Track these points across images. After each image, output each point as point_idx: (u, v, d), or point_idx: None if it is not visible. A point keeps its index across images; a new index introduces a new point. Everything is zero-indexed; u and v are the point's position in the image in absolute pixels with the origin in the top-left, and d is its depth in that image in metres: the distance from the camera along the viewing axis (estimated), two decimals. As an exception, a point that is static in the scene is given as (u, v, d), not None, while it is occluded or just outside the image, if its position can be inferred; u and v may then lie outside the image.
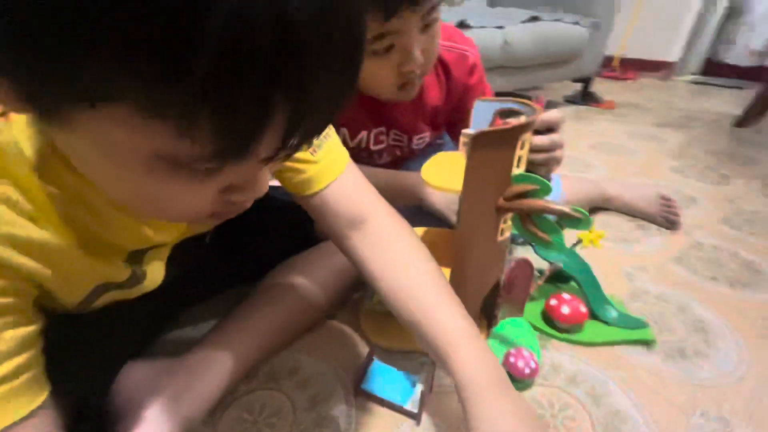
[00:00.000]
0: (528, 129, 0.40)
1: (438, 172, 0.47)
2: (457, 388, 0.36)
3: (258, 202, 0.57)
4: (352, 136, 0.66)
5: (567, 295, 0.59)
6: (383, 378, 0.49)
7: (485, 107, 0.50)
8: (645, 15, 2.52)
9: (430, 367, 0.52)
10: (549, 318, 0.60)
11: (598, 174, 1.17)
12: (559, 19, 1.46)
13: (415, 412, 0.45)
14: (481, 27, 1.21)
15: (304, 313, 0.56)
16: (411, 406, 0.46)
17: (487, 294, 0.56)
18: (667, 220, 0.88)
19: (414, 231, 0.47)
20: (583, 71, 1.77)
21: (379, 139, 0.68)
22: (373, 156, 0.71)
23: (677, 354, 0.57)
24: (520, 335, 0.57)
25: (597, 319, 0.60)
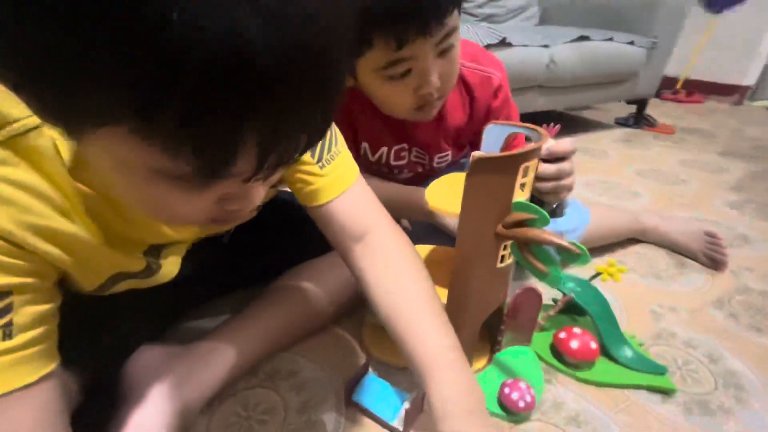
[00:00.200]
0: (530, 157, 0.39)
1: (442, 194, 0.47)
2: (431, 410, 0.36)
3: (276, 208, 0.61)
4: (373, 151, 0.68)
5: (578, 329, 0.56)
6: (375, 392, 0.50)
7: (497, 131, 0.50)
8: (717, 35, 2.34)
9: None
10: (557, 351, 0.57)
11: (641, 203, 1.10)
12: (610, 39, 1.40)
13: (400, 430, 0.46)
14: (524, 46, 1.19)
15: (308, 318, 0.58)
16: (398, 423, 0.46)
17: (490, 319, 0.56)
18: (710, 259, 0.81)
19: (414, 249, 0.48)
20: (638, 93, 1.67)
21: (400, 156, 0.70)
22: (394, 171, 0.72)
23: (699, 407, 0.52)
24: (522, 365, 0.55)
25: (610, 357, 0.57)
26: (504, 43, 1.14)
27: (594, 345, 0.55)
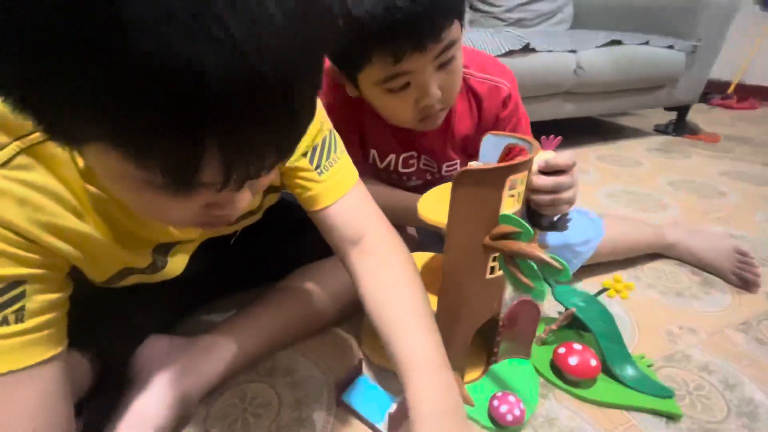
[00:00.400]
0: (518, 170, 0.39)
1: (434, 204, 0.48)
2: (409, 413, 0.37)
3: (282, 212, 0.63)
4: (381, 158, 0.69)
5: (578, 345, 0.55)
6: (364, 393, 0.51)
7: (494, 141, 0.50)
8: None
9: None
10: (557, 366, 0.56)
11: (669, 215, 1.04)
12: (645, 42, 1.33)
13: (386, 433, 0.47)
14: (549, 51, 1.16)
15: (309, 319, 0.60)
16: (383, 426, 0.47)
17: (487, 330, 0.55)
18: (741, 279, 0.76)
19: (408, 254, 0.48)
20: (678, 99, 1.58)
21: (409, 163, 0.71)
22: (403, 178, 0.73)
23: (706, 436, 0.49)
24: (517, 378, 0.54)
25: (613, 376, 0.55)
26: (527, 49, 1.12)
27: (594, 362, 0.53)
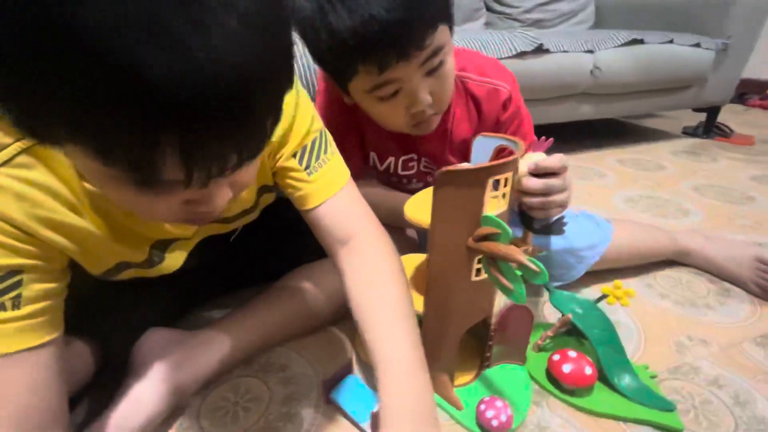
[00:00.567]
0: (499, 171, 0.39)
1: (421, 206, 0.47)
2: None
3: (281, 212, 0.64)
4: (381, 160, 0.70)
5: (573, 353, 0.53)
6: (352, 392, 0.51)
7: (485, 143, 0.49)
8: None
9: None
10: (552, 374, 0.54)
11: (690, 222, 0.99)
12: (670, 41, 1.28)
13: (370, 432, 0.47)
14: (563, 52, 1.13)
15: (304, 318, 0.61)
16: (367, 426, 0.48)
17: (480, 334, 0.55)
18: (762, 289, 0.71)
19: (395, 254, 0.49)
20: (707, 99, 1.51)
21: (408, 166, 0.71)
22: (403, 181, 0.73)
23: (708, 453, 0.47)
24: (509, 384, 0.53)
25: (612, 387, 0.53)
26: (541, 50, 1.10)
27: (590, 371, 0.51)
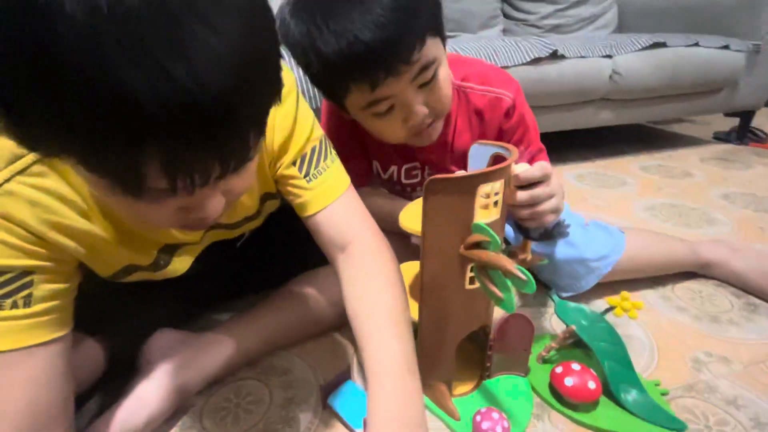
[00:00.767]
0: (490, 178, 0.39)
1: (416, 215, 0.48)
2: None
3: (287, 218, 0.66)
4: (383, 169, 0.70)
5: (577, 365, 0.51)
6: (350, 399, 0.51)
7: (482, 150, 0.49)
8: None
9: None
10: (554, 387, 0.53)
11: (717, 231, 0.94)
12: (695, 44, 1.23)
13: (364, 439, 0.47)
14: (580, 57, 1.11)
15: (308, 323, 0.62)
16: (362, 432, 0.48)
17: (481, 344, 0.54)
18: (793, 305, 0.67)
19: (392, 261, 0.49)
20: (739, 103, 1.44)
21: (412, 174, 0.71)
22: (407, 189, 0.73)
23: (721, 477, 0.44)
24: (510, 395, 0.52)
25: (618, 402, 0.51)
26: (556, 56, 1.08)
27: (593, 385, 0.50)
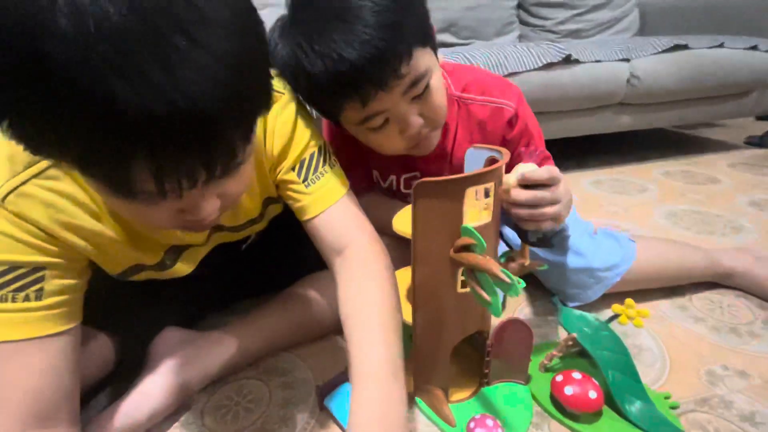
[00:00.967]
0: (479, 181, 0.39)
1: (409, 218, 0.48)
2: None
3: (294, 222, 0.68)
4: (383, 179, 0.71)
5: (578, 374, 0.50)
6: (345, 400, 0.52)
7: (477, 154, 0.49)
8: None
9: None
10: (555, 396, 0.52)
11: (742, 240, 0.89)
12: (720, 45, 1.18)
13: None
14: (596, 61, 1.09)
15: (310, 325, 0.63)
16: (356, 435, 0.48)
17: (477, 350, 0.53)
18: (822, 318, 0.63)
19: (387, 265, 0.49)
20: (771, 107, 1.37)
21: (411, 184, 0.71)
22: (407, 198, 0.73)
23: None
24: (508, 403, 0.51)
25: (622, 413, 0.49)
26: (569, 61, 1.07)
27: (594, 395, 0.48)
